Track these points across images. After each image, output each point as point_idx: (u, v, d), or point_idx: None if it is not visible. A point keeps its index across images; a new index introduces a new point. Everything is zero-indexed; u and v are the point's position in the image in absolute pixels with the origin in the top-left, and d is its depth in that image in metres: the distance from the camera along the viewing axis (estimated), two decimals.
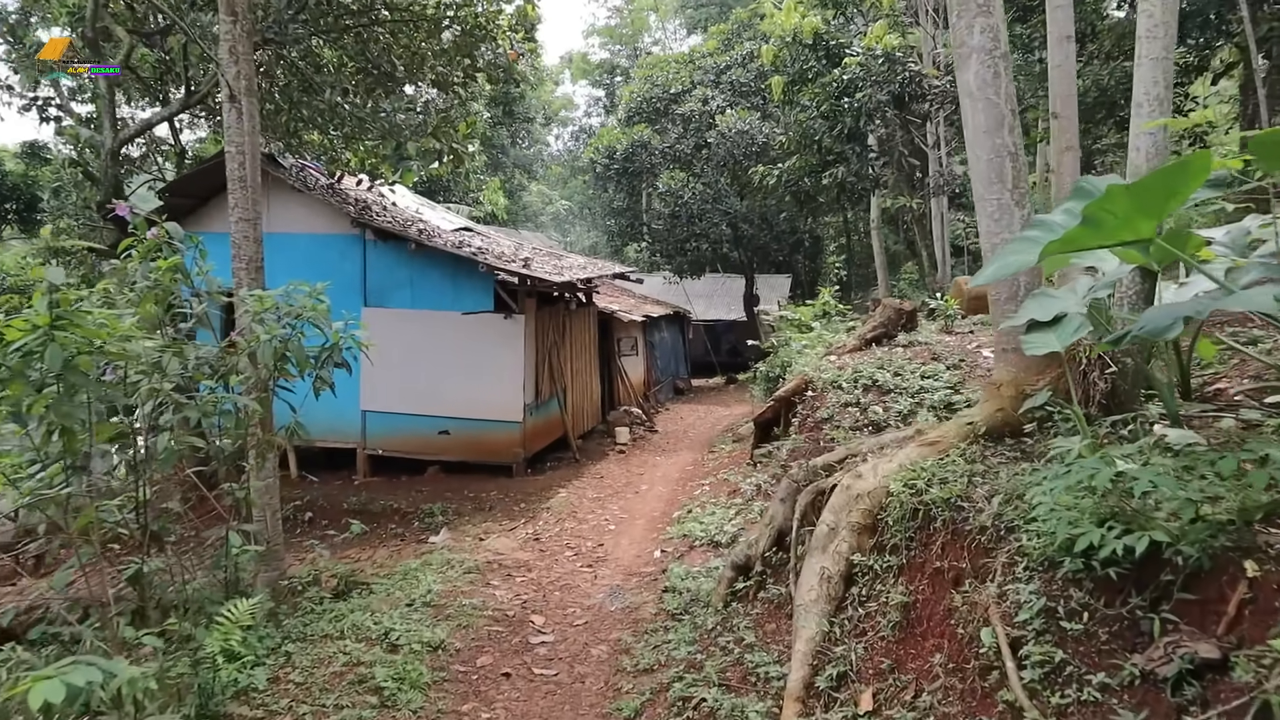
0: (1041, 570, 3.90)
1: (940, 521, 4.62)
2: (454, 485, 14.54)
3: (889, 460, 5.10)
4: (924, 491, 4.82)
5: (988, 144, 5.18)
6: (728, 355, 36.39)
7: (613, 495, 13.67)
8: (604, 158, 29.71)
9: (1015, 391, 5.10)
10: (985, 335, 12.20)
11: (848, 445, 6.51)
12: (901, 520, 4.82)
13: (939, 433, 5.24)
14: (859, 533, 4.93)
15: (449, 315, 15.06)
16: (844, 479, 5.17)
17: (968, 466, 4.89)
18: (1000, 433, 5.16)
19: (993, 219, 5.19)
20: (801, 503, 5.94)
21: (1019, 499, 4.28)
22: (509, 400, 15.03)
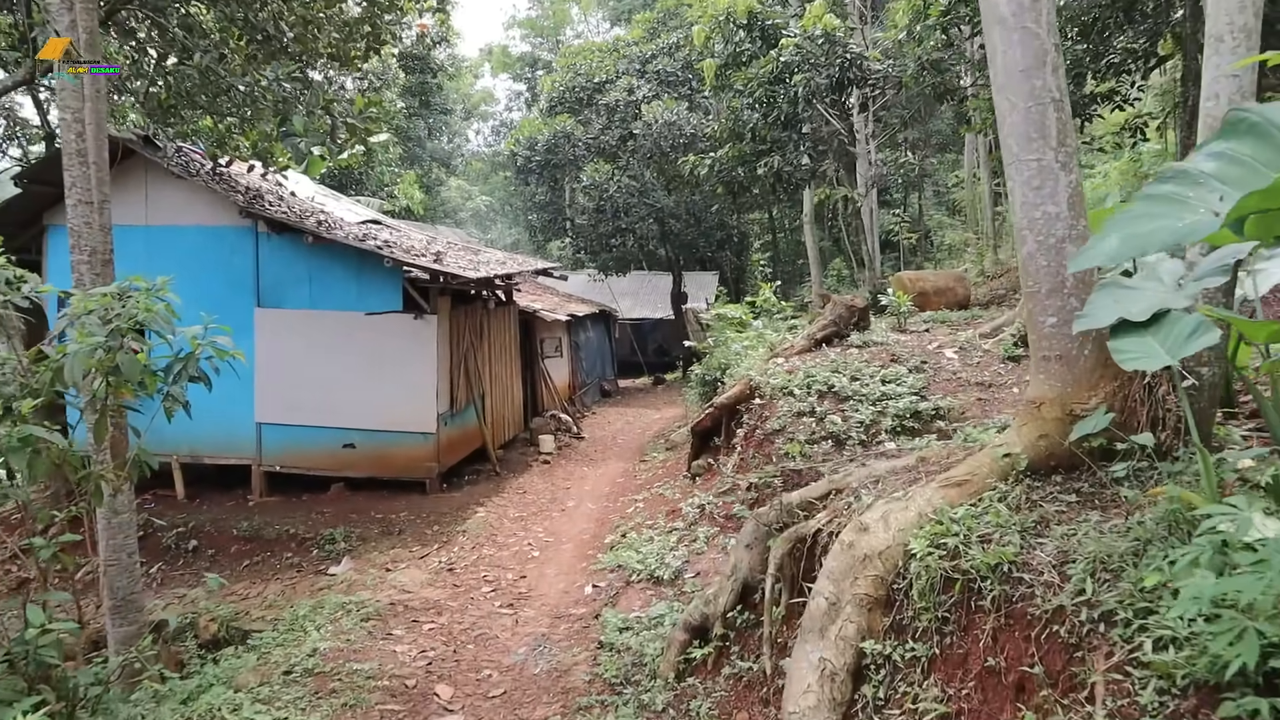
0: (1182, 696, 2.72)
1: (989, 598, 3.46)
2: (360, 505, 13.06)
3: (903, 507, 3.92)
4: (960, 554, 3.65)
5: (1024, 87, 4.05)
6: (655, 355, 35.32)
7: (537, 514, 12.37)
8: (525, 149, 28.31)
9: (1061, 412, 3.98)
10: (943, 334, 11.25)
11: (831, 477, 5.35)
12: (930, 593, 3.63)
13: (967, 468, 4.07)
14: (869, 609, 3.73)
15: (353, 316, 13.57)
16: (845, 534, 3.97)
17: (1014, 517, 3.72)
18: (1046, 467, 4.05)
19: (1030, 186, 4.05)
20: (777, 553, 4.75)
21: (1111, 570, 3.14)
22: (421, 409, 13.61)
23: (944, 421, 8.54)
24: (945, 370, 9.56)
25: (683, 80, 28.46)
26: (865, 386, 9.14)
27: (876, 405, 8.80)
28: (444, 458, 13.87)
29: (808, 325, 11.92)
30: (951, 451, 4.88)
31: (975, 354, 9.96)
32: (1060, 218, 4.04)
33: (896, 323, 11.96)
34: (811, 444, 8.47)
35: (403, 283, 13.36)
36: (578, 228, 29.04)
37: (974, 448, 4.77)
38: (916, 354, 10.01)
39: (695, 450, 12.28)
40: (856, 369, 9.56)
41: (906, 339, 10.82)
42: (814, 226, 27.56)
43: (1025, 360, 9.74)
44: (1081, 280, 4.01)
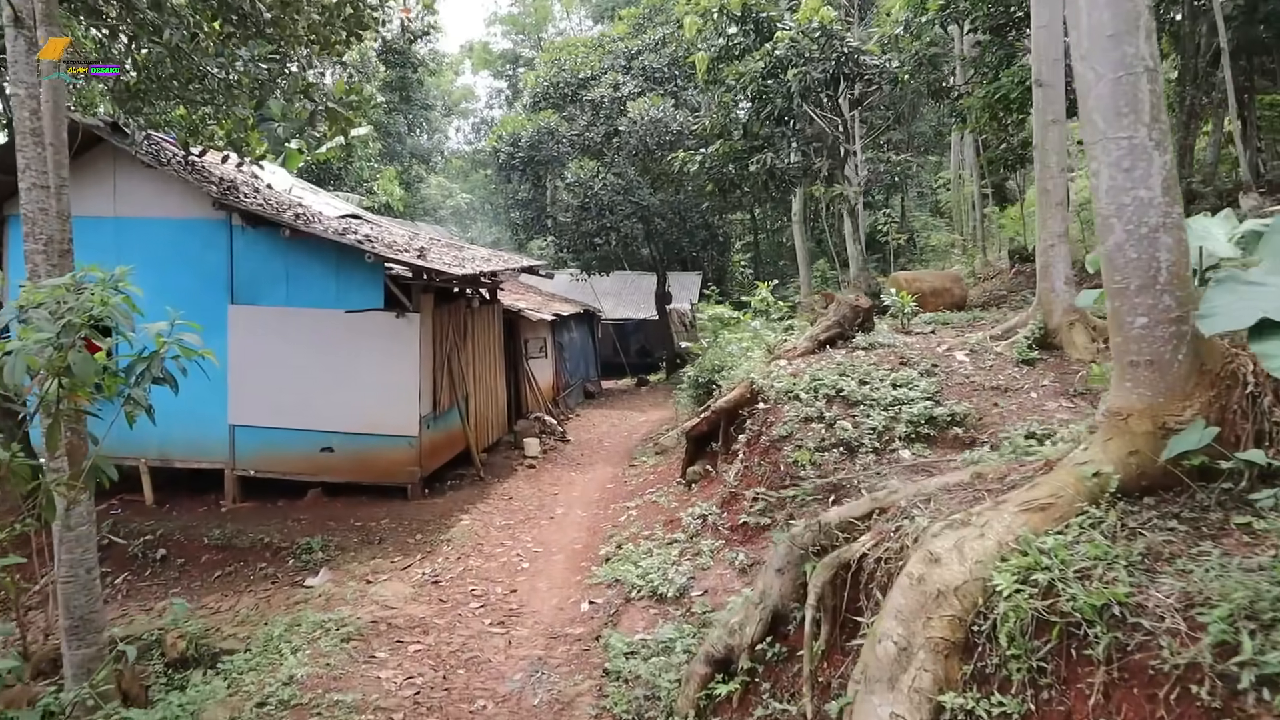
0: None
1: (1098, 647, 2.92)
2: (339, 512, 12.47)
3: (978, 534, 3.42)
4: (1057, 592, 3.16)
5: (1112, 55, 3.57)
6: (637, 356, 34.84)
7: (524, 522, 11.82)
8: (508, 145, 27.70)
9: (1152, 425, 3.50)
10: (950, 336, 10.82)
11: (873, 494, 4.84)
12: (1021, 639, 3.13)
13: (1049, 489, 3.57)
14: (946, 655, 3.21)
15: (332, 314, 12.98)
16: (913, 565, 3.46)
17: (1114, 548, 3.20)
18: (1136, 487, 3.57)
19: (1119, 168, 3.57)
20: (817, 581, 4.24)
21: (1259, 620, 2.65)
22: (402, 411, 13.03)
23: (961, 428, 8.11)
24: (958, 374, 9.12)
25: (669, 77, 27.97)
26: (876, 391, 8.68)
27: (889, 411, 8.35)
28: (426, 462, 13.30)
29: (809, 326, 11.44)
30: (1011, 468, 4.40)
31: (988, 357, 9.53)
32: (1153, 204, 3.57)
33: (899, 324, 11.51)
34: (822, 451, 8.00)
35: (384, 280, 12.79)
36: (560, 226, 28.47)
37: (1034, 462, 4.29)
38: (926, 357, 9.56)
39: (690, 456, 11.80)
40: (865, 372, 9.10)
41: (913, 341, 10.37)
42: (803, 226, 27.09)
43: (1041, 364, 9.33)
44: (1177, 275, 3.53)
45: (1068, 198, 9.57)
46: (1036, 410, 8.20)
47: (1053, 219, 9.45)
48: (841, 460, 7.88)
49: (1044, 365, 9.24)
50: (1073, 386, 8.66)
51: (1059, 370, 9.10)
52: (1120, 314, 3.67)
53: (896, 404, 8.42)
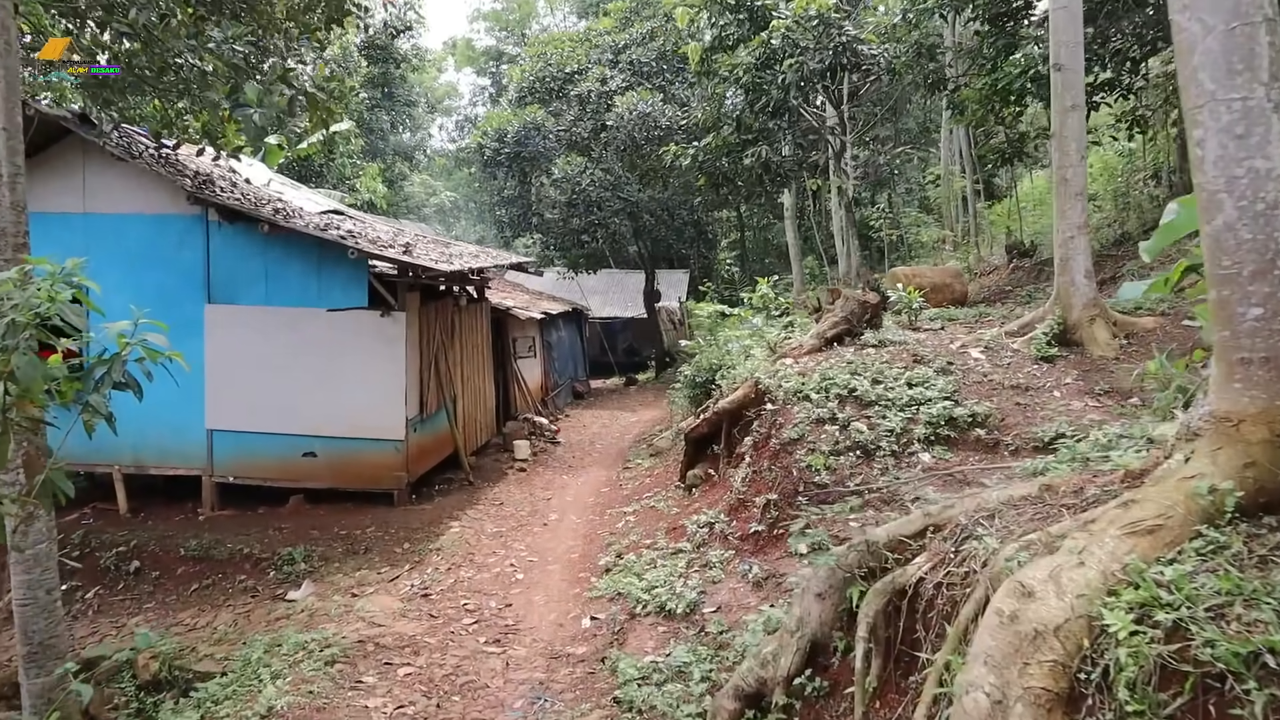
0: None
1: (1254, 706, 2.46)
2: (322, 519, 11.92)
3: (1076, 562, 2.92)
4: (1186, 633, 2.64)
5: (1224, 3, 3.10)
6: (625, 355, 34.38)
7: (517, 529, 11.32)
8: (493, 141, 27.15)
9: (1270, 433, 3.02)
10: (961, 332, 10.38)
11: (925, 509, 4.35)
12: (1145, 690, 2.64)
13: (1156, 508, 3.07)
14: (1050, 709, 2.66)
15: (314, 313, 12.42)
16: (1000, 599, 2.97)
17: (1249, 580, 2.73)
18: (1257, 506, 3.10)
19: (1231, 134, 3.08)
20: (869, 609, 3.76)
21: None
22: (388, 414, 12.49)
23: (983, 429, 7.67)
24: (974, 372, 8.68)
25: (657, 71, 27.46)
26: (890, 390, 8.23)
27: (905, 411, 7.90)
28: (413, 467, 12.77)
29: (810, 323, 10.97)
30: (1084, 479, 3.92)
31: (1004, 354, 9.09)
32: (1272, 175, 3.10)
33: (907, 320, 11.08)
34: (836, 455, 7.54)
35: (368, 277, 12.26)
36: (547, 223, 27.93)
37: (1112, 473, 3.83)
38: (940, 354, 9.12)
39: (689, 458, 11.34)
40: (878, 371, 8.64)
41: (923, 338, 9.93)
42: (795, 222, 26.66)
43: (1061, 361, 8.91)
44: None
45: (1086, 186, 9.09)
46: (1062, 410, 7.77)
47: (1072, 209, 9.01)
48: (858, 464, 7.42)
49: (1065, 362, 8.81)
50: (1098, 384, 8.23)
51: (1081, 367, 8.67)
52: (1229, 304, 3.19)
53: (913, 404, 7.97)
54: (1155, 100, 18.22)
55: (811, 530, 6.85)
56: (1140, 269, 12.96)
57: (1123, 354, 8.81)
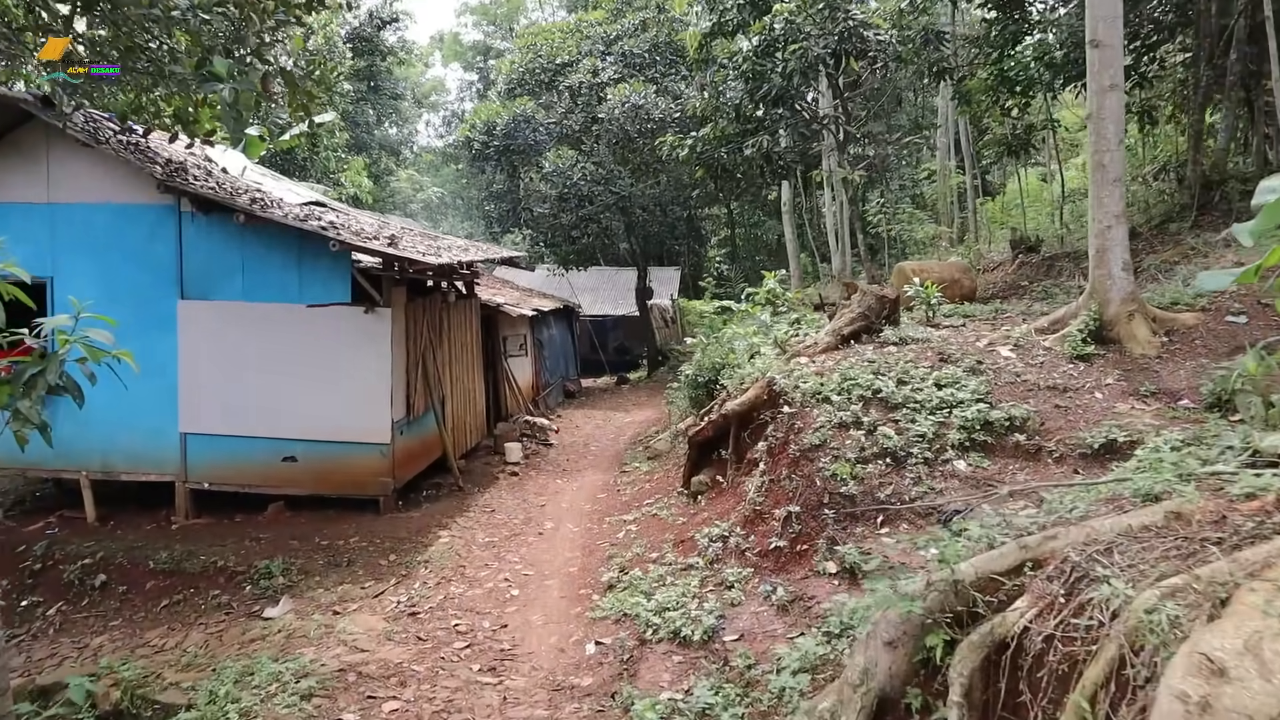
0: None
1: None
2: (303, 528, 11.21)
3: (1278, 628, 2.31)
4: None
5: None
6: (616, 353, 33.76)
7: (510, 538, 10.64)
8: (481, 134, 26.41)
9: None
10: (984, 329, 9.76)
11: (1020, 540, 3.68)
12: None
13: None
14: None
15: (294, 309, 11.71)
16: (1178, 679, 2.27)
17: None
18: None
19: None
20: (962, 668, 3.08)
21: None
22: (373, 416, 11.79)
23: (1022, 434, 7.05)
24: (1006, 372, 8.06)
25: (649, 63, 26.81)
26: (918, 392, 7.61)
27: (936, 415, 7.28)
28: (400, 471, 12.07)
29: (826, 319, 10.34)
30: (1223, 506, 3.29)
31: (1036, 352, 8.48)
32: None
33: (924, 316, 10.46)
34: (863, 463, 6.91)
35: (351, 271, 11.55)
36: (536, 218, 27.14)
37: (1262, 499, 3.19)
38: (967, 352, 8.51)
39: (693, 463, 10.70)
40: (903, 370, 8.03)
41: (947, 335, 9.32)
42: (792, 216, 26.03)
43: (1098, 360, 8.29)
44: None
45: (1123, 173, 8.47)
46: (1106, 413, 7.16)
47: (1109, 197, 8.39)
48: (888, 473, 6.80)
49: (1103, 361, 8.20)
50: (1143, 384, 7.61)
51: (1121, 366, 8.06)
52: None
53: (944, 407, 7.35)
54: (1165, 90, 17.70)
55: (840, 547, 6.22)
56: (1162, 263, 12.40)
57: (1164, 352, 8.21)
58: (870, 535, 6.31)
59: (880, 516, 6.47)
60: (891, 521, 6.40)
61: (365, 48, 35.14)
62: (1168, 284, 10.26)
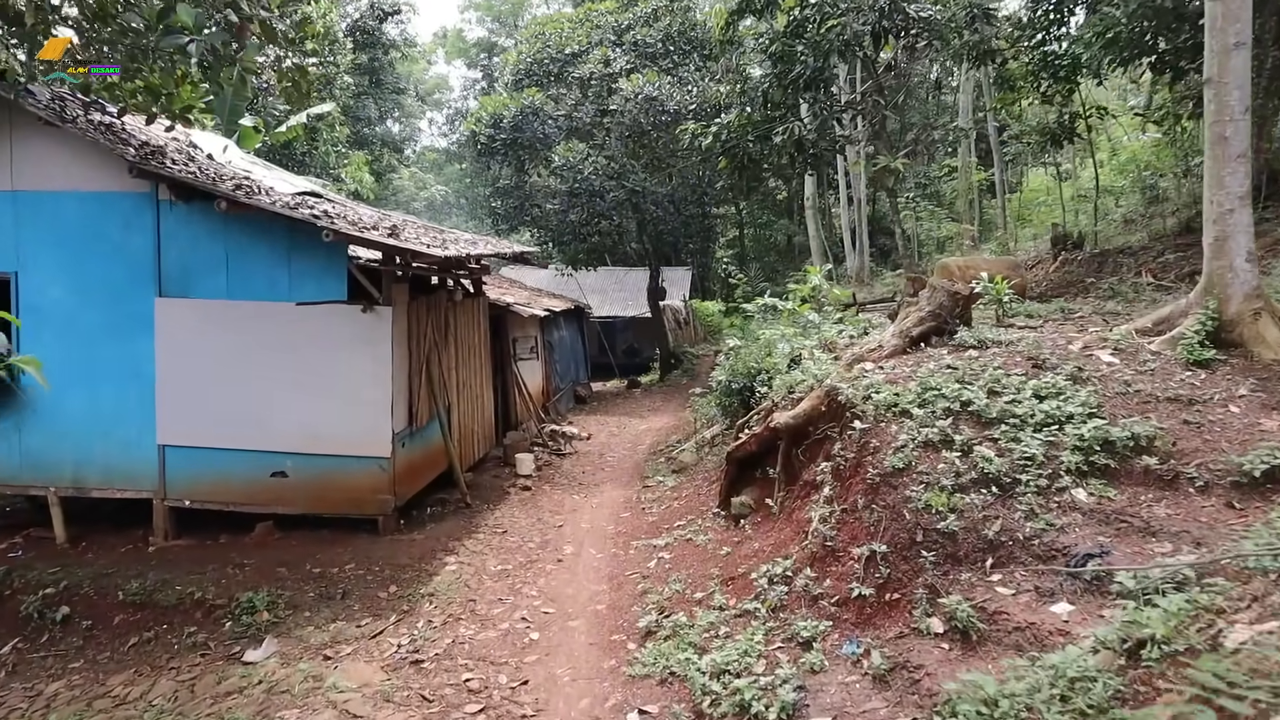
0: None
1: None
2: (294, 553, 10.01)
3: None
4: None
5: None
6: (625, 355, 32.59)
7: (526, 566, 9.45)
8: (488, 128, 25.19)
9: None
10: (1071, 330, 8.55)
11: None
12: None
13: None
14: None
15: (284, 308, 10.53)
16: None
17: None
18: None
19: None
20: None
21: None
22: (371, 426, 10.60)
23: (1151, 457, 5.84)
24: (1113, 380, 6.84)
25: (663, 53, 25.63)
26: (1016, 405, 6.40)
27: (1042, 433, 6.06)
28: (401, 488, 10.88)
29: (899, 320, 9.11)
30: None
31: (1142, 358, 7.25)
32: None
33: (996, 316, 9.26)
34: (961, 492, 5.69)
35: (347, 266, 10.38)
36: (545, 215, 25.88)
37: None
38: (1062, 358, 7.29)
39: (731, 481, 9.53)
40: (992, 378, 6.82)
41: (1030, 337, 8.09)
42: (816, 211, 24.82)
43: (1221, 367, 7.05)
44: None
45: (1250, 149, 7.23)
46: (1251, 431, 5.94)
47: (1231, 175, 7.16)
48: (992, 504, 5.59)
49: (1228, 369, 6.97)
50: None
51: (1252, 374, 6.82)
52: None
53: (1051, 423, 6.14)
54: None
55: (945, 598, 5.02)
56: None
57: None
58: (980, 583, 5.11)
59: (989, 558, 5.26)
60: (1004, 565, 5.20)
61: (366, 40, 33.99)
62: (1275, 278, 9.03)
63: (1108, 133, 24.00)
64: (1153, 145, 22.28)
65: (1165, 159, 21.66)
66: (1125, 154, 23.47)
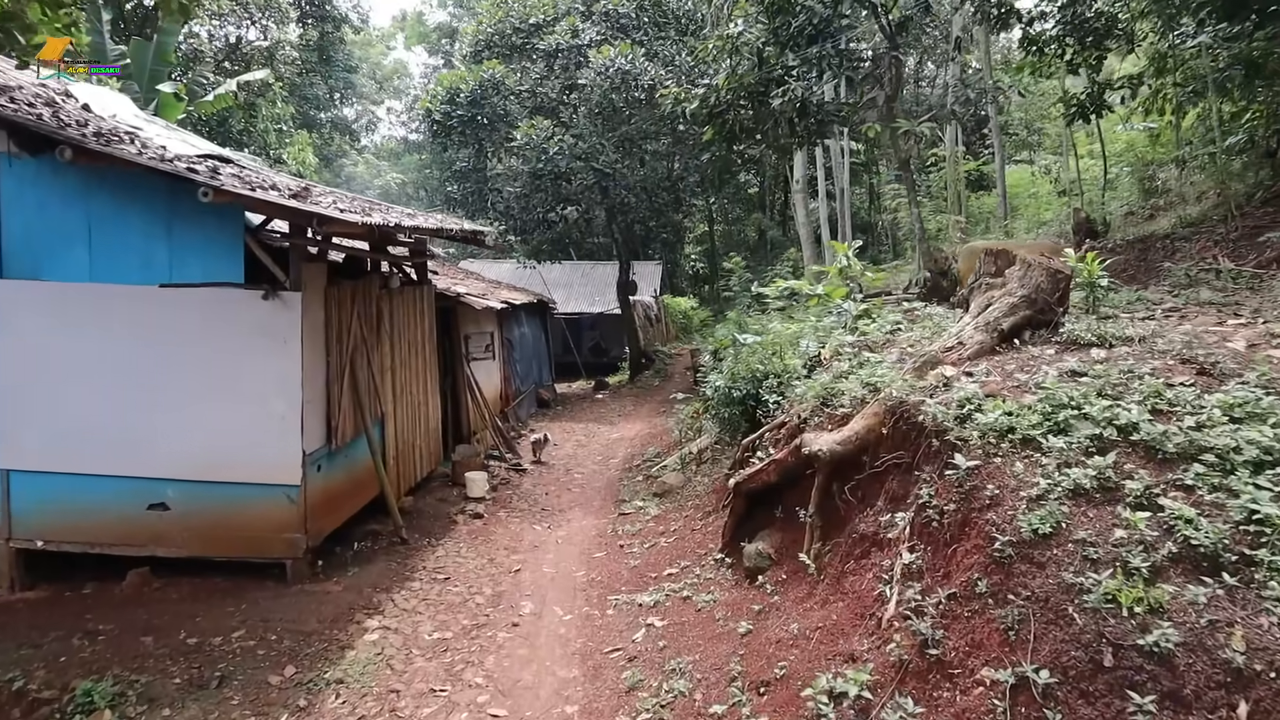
0: None
1: None
2: (170, 612, 7.65)
3: None
4: None
5: None
6: (591, 354, 30.47)
7: (471, 632, 7.18)
8: (444, 103, 22.76)
9: None
10: (1204, 322, 6.45)
11: None
12: None
13: None
14: None
15: (163, 294, 8.18)
16: None
17: None
18: None
19: None
20: None
21: None
22: (276, 446, 8.27)
23: None
24: None
25: (637, 24, 23.36)
26: (1206, 431, 4.23)
27: (1263, 475, 3.90)
28: (316, 523, 8.54)
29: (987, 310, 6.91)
30: None
31: None
32: None
33: (1088, 305, 7.15)
34: (1158, 578, 3.53)
35: (244, 240, 8.06)
36: (506, 201, 23.44)
37: None
38: (1216, 354, 5.17)
39: (737, 519, 7.39)
40: (1152, 390, 4.65)
41: (1167, 333, 5.96)
42: (805, 195, 22.69)
43: None
44: None
45: None
46: None
47: None
48: (1220, 601, 3.42)
49: None
50: None
51: None
52: None
53: (1273, 461, 3.97)
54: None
55: None
56: None
57: None
58: None
59: (1239, 698, 3.11)
60: (1265, 713, 3.04)
61: (314, 12, 31.32)
62: None
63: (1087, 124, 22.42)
64: (1148, 136, 20.83)
65: (1163, 149, 20.19)
66: (1119, 143, 21.91)
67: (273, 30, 27.64)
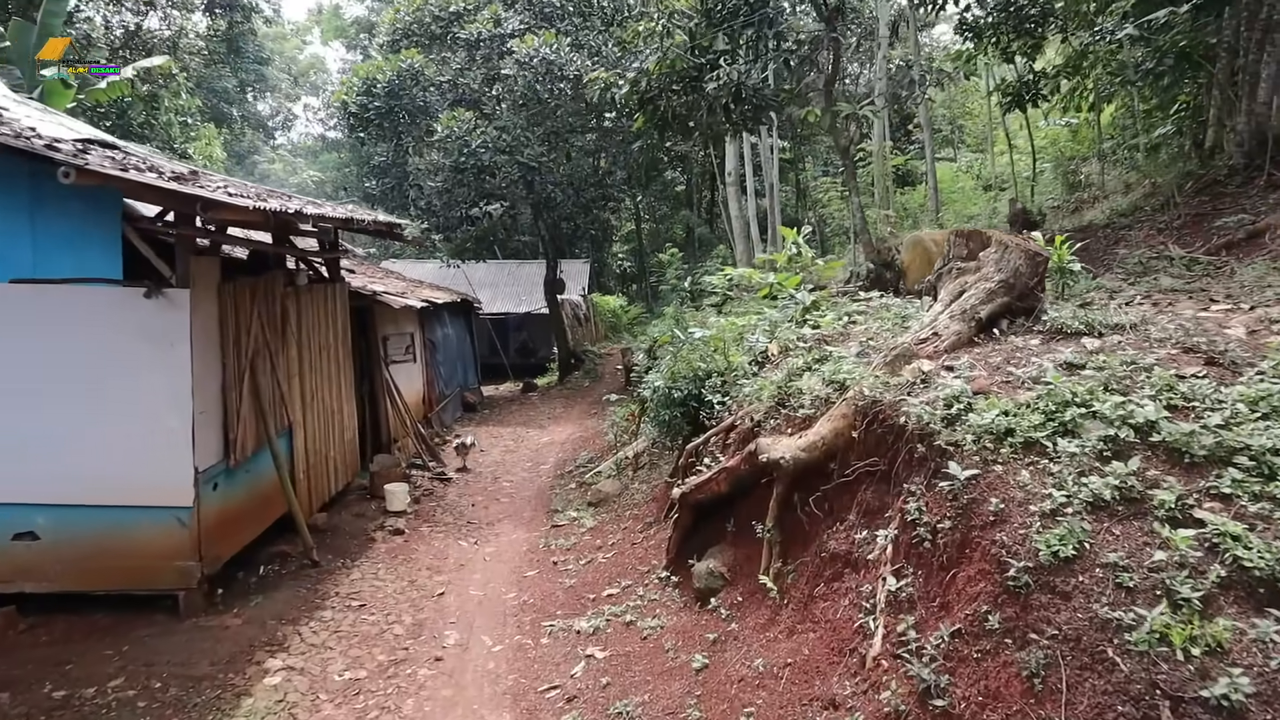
0: None
1: None
2: (36, 657, 6.67)
3: None
4: None
5: None
6: (518, 355, 29.61)
7: (388, 670, 6.36)
8: (361, 94, 21.67)
9: None
10: (1188, 306, 5.97)
11: None
12: None
13: None
14: None
15: (25, 292, 7.18)
16: None
17: None
18: None
19: None
20: None
21: None
22: (164, 463, 7.32)
23: None
24: None
25: (561, 14, 22.59)
26: (1235, 429, 3.66)
27: None
28: (213, 548, 7.61)
29: (962, 296, 6.30)
30: None
31: None
32: None
33: (1059, 291, 6.63)
34: (1211, 609, 2.93)
35: (122, 230, 7.10)
36: (427, 197, 22.43)
37: None
38: (1221, 343, 4.65)
39: (685, 533, 6.66)
40: (1164, 383, 4.08)
41: (1159, 319, 5.43)
42: (739, 188, 22.15)
43: None
44: None
45: None
46: None
47: None
48: (1272, 638, 2.82)
49: None
50: None
51: None
52: None
53: None
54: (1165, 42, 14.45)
55: None
56: None
57: None
58: None
59: None
60: None
61: (222, 0, 29.73)
62: None
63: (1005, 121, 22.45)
64: (1069, 131, 21.06)
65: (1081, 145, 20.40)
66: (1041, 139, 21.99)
67: (176, 18, 26.11)
